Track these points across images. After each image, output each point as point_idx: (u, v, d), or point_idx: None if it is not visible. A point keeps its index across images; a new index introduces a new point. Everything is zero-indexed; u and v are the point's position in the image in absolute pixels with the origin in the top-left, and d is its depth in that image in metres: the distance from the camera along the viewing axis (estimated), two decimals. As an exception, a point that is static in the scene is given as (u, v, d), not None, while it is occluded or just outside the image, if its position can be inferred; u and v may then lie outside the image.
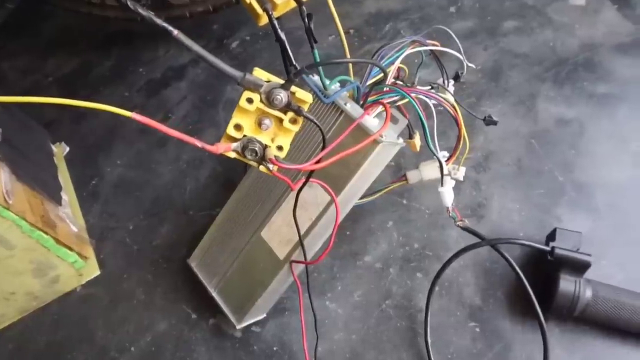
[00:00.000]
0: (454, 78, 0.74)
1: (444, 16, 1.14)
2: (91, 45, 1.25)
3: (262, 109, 0.45)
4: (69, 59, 1.23)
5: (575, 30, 1.07)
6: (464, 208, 0.85)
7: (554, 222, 0.82)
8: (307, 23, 0.45)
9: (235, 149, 0.47)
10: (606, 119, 0.92)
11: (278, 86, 0.44)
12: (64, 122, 1.11)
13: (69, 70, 1.20)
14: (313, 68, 0.44)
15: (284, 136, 0.47)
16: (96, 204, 0.96)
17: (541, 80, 1.00)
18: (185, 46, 0.41)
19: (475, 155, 0.91)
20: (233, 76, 0.43)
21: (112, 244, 0.91)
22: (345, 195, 0.61)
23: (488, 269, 0.79)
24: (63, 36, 1.28)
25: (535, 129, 0.93)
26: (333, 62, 0.45)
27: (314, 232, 0.64)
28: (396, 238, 0.84)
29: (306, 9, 0.53)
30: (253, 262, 0.69)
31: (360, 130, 0.58)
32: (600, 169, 0.86)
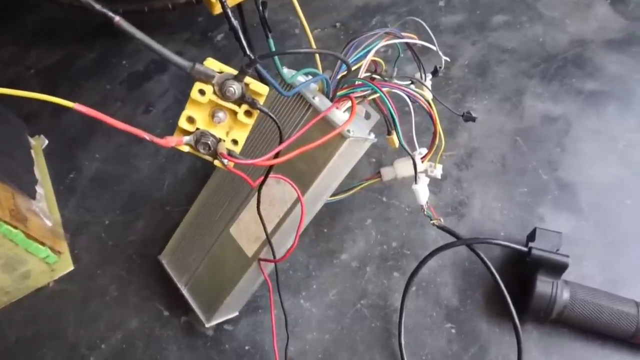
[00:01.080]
0: (432, 73, 0.72)
1: (432, 10, 1.12)
2: (75, 37, 1.23)
3: (215, 101, 0.43)
4: (53, 51, 1.21)
5: (566, 26, 1.04)
6: (445, 206, 0.83)
7: (536, 222, 0.80)
8: (261, 11, 0.43)
9: (188, 143, 0.45)
10: (594, 117, 0.90)
11: (231, 77, 0.43)
12: (44, 115, 1.09)
13: (51, 62, 1.19)
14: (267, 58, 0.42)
15: (240, 130, 0.45)
16: (73, 198, 0.95)
17: (529, 77, 0.97)
18: (128, 34, 0.39)
19: (458, 152, 0.89)
20: (181, 66, 0.41)
21: (87, 239, 0.89)
22: (313, 192, 0.59)
23: (467, 269, 0.77)
24: (48, 28, 1.27)
25: (521, 126, 0.91)
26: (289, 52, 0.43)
27: (282, 229, 0.62)
28: (374, 236, 0.82)
29: None
30: (222, 260, 0.68)
31: (328, 125, 0.56)
32: (585, 167, 0.84)
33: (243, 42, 0.43)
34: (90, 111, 0.40)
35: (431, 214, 0.68)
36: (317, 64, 0.60)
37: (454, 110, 0.90)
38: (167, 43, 1.18)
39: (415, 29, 1.08)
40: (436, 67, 0.72)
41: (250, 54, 0.43)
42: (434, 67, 0.72)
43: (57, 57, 1.20)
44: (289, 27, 1.14)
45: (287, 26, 1.14)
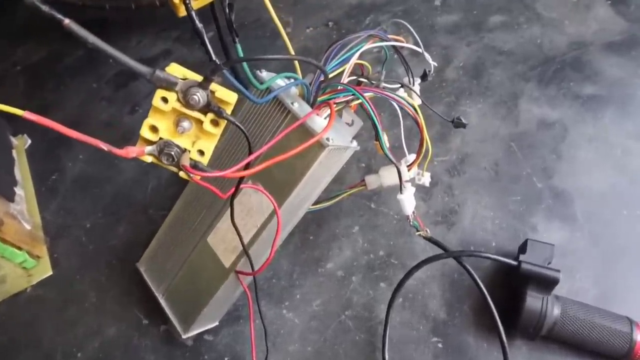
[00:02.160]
0: (421, 77, 0.69)
1: (428, 9, 1.09)
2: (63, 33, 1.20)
3: (179, 109, 0.41)
4: (39, 48, 1.18)
5: (565, 27, 1.01)
6: (435, 214, 0.81)
7: (528, 232, 0.77)
8: (227, 13, 0.40)
9: (150, 153, 0.42)
10: (591, 122, 0.87)
11: (195, 84, 0.40)
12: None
13: (37, 59, 1.16)
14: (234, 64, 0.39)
15: (206, 140, 0.43)
16: (54, 200, 0.92)
17: (525, 80, 0.94)
18: (79, 38, 0.37)
19: (450, 157, 0.86)
20: (140, 73, 0.39)
21: (67, 243, 0.87)
22: (291, 202, 0.57)
23: (455, 281, 0.74)
24: (35, 23, 1.24)
25: (516, 131, 0.88)
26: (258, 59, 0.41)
27: (260, 239, 0.59)
28: (361, 244, 0.79)
29: None
30: (199, 270, 0.65)
31: (307, 132, 0.53)
32: (581, 175, 0.81)
33: (208, 47, 0.40)
34: (40, 119, 0.38)
35: (418, 224, 0.65)
36: (296, 68, 0.57)
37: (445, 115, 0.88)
38: (157, 41, 1.15)
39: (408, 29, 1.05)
40: (425, 70, 0.69)
41: (215, 60, 0.40)
42: (423, 70, 0.69)
43: (44, 53, 1.17)
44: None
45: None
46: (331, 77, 0.61)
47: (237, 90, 0.42)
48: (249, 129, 0.57)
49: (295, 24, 1.11)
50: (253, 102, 0.48)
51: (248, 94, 0.43)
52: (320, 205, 0.69)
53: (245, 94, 0.43)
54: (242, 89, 0.42)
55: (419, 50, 0.65)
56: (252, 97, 0.44)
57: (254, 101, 0.44)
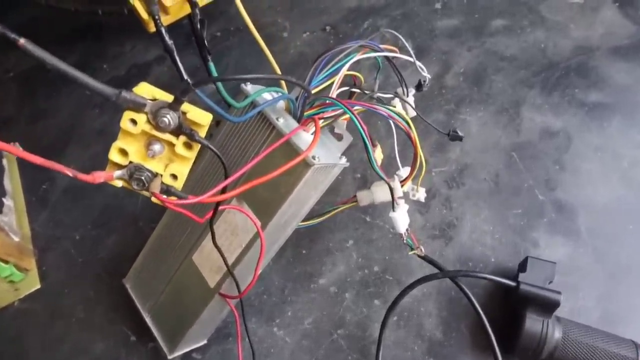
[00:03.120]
0: (416, 87, 0.66)
1: (427, 13, 1.06)
2: (57, 38, 1.18)
3: (149, 132, 0.38)
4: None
5: (570, 31, 0.97)
6: (432, 228, 0.78)
7: (529, 247, 0.74)
8: (198, 30, 0.38)
9: (120, 177, 0.40)
10: (596, 132, 0.84)
11: (165, 106, 0.37)
12: (20, 121, 1.05)
13: (30, 66, 1.14)
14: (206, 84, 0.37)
15: (180, 163, 0.40)
16: (44, 211, 0.91)
17: (528, 86, 0.91)
18: (37, 58, 0.34)
19: (449, 168, 0.83)
20: (105, 95, 0.37)
21: (56, 255, 0.85)
22: (277, 221, 0.54)
23: (453, 299, 0.71)
24: (29, 28, 1.22)
25: (518, 140, 0.85)
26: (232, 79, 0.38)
27: (246, 259, 0.57)
28: (355, 259, 0.77)
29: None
30: (185, 289, 0.63)
31: (292, 150, 0.51)
32: (585, 187, 0.78)
33: (179, 65, 0.38)
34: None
35: (412, 242, 0.62)
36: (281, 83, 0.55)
37: (443, 125, 0.85)
38: (150, 47, 1.13)
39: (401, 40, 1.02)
40: (420, 80, 0.66)
41: (187, 78, 0.38)
42: (418, 81, 0.66)
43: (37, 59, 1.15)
44: (276, 30, 1.09)
45: (275, 29, 1.09)
46: (321, 88, 0.58)
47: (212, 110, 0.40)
48: (232, 145, 0.55)
49: (292, 29, 1.08)
50: (231, 122, 0.45)
51: (224, 114, 0.41)
52: (310, 221, 0.66)
53: (222, 114, 0.41)
54: (217, 109, 0.39)
55: (416, 63, 0.61)
56: (229, 117, 0.41)
57: (231, 120, 0.41)
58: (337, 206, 0.65)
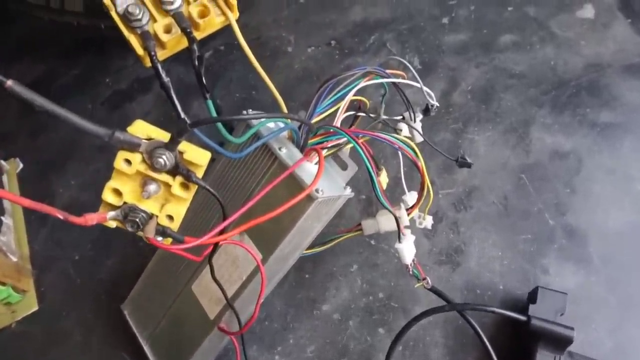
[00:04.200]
0: (423, 111, 0.64)
1: (434, 27, 1.04)
2: (59, 51, 1.17)
3: (144, 172, 0.37)
4: (35, 66, 1.15)
5: (581, 48, 0.95)
6: (439, 253, 0.76)
7: (539, 275, 0.72)
8: (196, 66, 0.36)
9: (115, 218, 0.38)
10: (608, 153, 0.81)
11: (161, 146, 0.36)
12: (21, 135, 1.04)
13: (33, 78, 1.13)
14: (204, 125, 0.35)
15: (176, 204, 0.38)
16: (43, 229, 0.89)
17: (538, 105, 0.89)
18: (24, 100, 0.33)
19: (456, 190, 0.81)
20: (97, 135, 0.35)
21: (54, 276, 0.84)
22: (278, 255, 0.52)
23: (460, 328, 0.69)
24: (32, 40, 1.21)
25: (527, 162, 0.82)
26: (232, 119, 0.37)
27: (246, 292, 0.55)
28: (359, 285, 0.75)
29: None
30: (183, 319, 0.61)
31: (295, 182, 0.49)
32: (597, 212, 0.76)
33: (176, 104, 0.36)
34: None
35: (418, 273, 0.60)
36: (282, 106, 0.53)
37: (447, 147, 0.83)
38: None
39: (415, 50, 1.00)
40: (427, 105, 0.64)
41: (184, 117, 0.36)
42: (426, 105, 0.64)
43: (39, 72, 1.14)
44: (280, 44, 1.07)
45: (279, 43, 1.07)
46: (325, 115, 0.56)
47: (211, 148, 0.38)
48: (231, 174, 0.53)
49: (297, 43, 1.07)
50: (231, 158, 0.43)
51: (225, 152, 0.39)
52: (313, 250, 0.64)
53: (222, 152, 0.39)
54: (217, 148, 0.38)
55: (417, 86, 0.59)
56: (229, 154, 0.39)
57: (232, 157, 0.40)
58: (341, 234, 0.64)
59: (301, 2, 1.13)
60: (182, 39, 0.37)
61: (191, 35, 0.36)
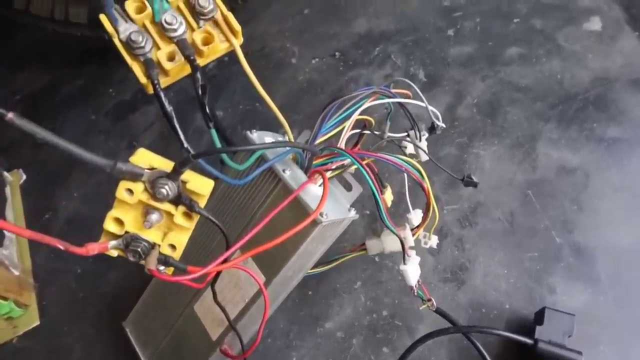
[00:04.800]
0: (429, 130, 0.63)
1: (440, 39, 1.03)
2: (64, 61, 1.17)
3: (146, 202, 0.36)
4: (40, 75, 1.15)
5: (588, 61, 0.94)
6: (444, 270, 0.75)
7: (546, 294, 0.71)
8: (200, 95, 0.35)
9: (116, 247, 0.38)
10: (615, 169, 0.80)
11: (163, 175, 0.35)
12: (25, 145, 1.04)
13: (37, 88, 1.13)
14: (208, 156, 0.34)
15: (178, 232, 0.38)
16: (46, 242, 0.89)
17: (544, 119, 0.88)
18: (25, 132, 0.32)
19: (461, 206, 0.80)
20: (99, 166, 0.34)
21: (56, 289, 0.83)
22: (283, 276, 0.52)
23: (465, 348, 0.68)
24: (37, 49, 1.21)
25: (533, 177, 0.82)
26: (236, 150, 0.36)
27: (249, 314, 0.54)
28: (363, 302, 0.74)
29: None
30: (186, 339, 0.61)
31: (299, 205, 0.48)
32: (604, 230, 0.75)
33: (179, 133, 0.35)
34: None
35: (423, 294, 0.59)
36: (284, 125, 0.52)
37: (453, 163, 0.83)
38: (157, 70, 1.11)
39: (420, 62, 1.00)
40: (433, 124, 0.63)
41: (187, 147, 0.36)
42: (432, 123, 0.63)
43: (44, 82, 1.14)
44: (284, 55, 1.07)
45: (283, 55, 1.07)
46: (330, 135, 0.56)
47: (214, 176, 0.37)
48: (234, 195, 0.52)
49: (301, 54, 1.06)
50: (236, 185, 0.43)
51: (229, 180, 0.38)
52: (316, 269, 0.63)
53: (226, 180, 0.38)
54: (221, 176, 0.37)
55: (422, 105, 0.59)
56: (233, 181, 0.39)
57: (233, 184, 0.39)
58: (345, 254, 0.63)
59: (305, 13, 1.12)
60: (186, 65, 0.36)
61: (195, 63, 0.35)
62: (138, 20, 0.36)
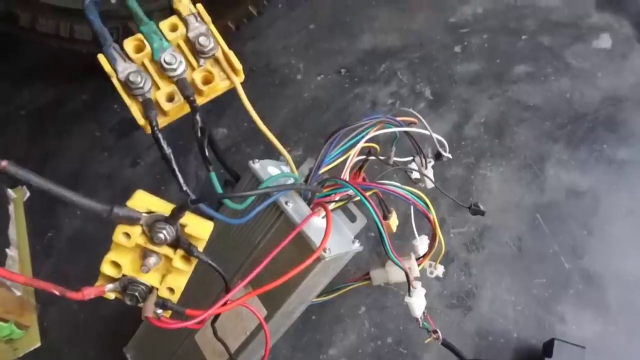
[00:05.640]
0: (435, 157, 0.62)
1: (447, 56, 1.02)
2: (69, 75, 1.17)
3: (144, 245, 0.35)
4: (45, 90, 1.15)
5: (597, 79, 0.93)
6: (450, 296, 0.73)
7: (555, 322, 0.69)
8: (199, 139, 0.34)
9: (113, 290, 0.37)
10: (626, 193, 0.79)
11: (161, 219, 0.34)
12: (30, 161, 1.03)
13: (42, 103, 1.13)
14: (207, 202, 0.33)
15: (177, 275, 0.37)
16: (49, 261, 0.88)
17: (553, 140, 0.86)
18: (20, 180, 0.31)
19: (468, 229, 0.79)
20: (95, 212, 0.33)
21: (58, 311, 0.83)
22: (285, 309, 0.51)
23: (471, 378, 0.67)
24: (42, 64, 1.21)
25: (542, 200, 0.80)
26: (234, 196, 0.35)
27: (251, 346, 0.53)
28: (367, 328, 0.72)
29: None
30: (186, 369, 0.60)
31: (302, 240, 0.47)
32: (615, 256, 0.73)
33: (178, 176, 0.34)
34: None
35: (428, 325, 0.58)
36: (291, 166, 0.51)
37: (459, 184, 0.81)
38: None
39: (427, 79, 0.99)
40: (439, 150, 0.62)
41: (186, 190, 0.35)
42: (437, 151, 0.62)
43: (49, 97, 1.14)
44: (290, 72, 1.06)
45: (289, 71, 1.06)
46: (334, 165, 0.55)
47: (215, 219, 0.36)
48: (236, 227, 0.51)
49: (306, 71, 1.05)
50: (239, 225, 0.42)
51: (230, 221, 0.37)
52: (319, 299, 0.62)
53: (227, 222, 0.37)
54: (220, 217, 0.36)
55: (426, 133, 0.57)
56: (235, 221, 0.38)
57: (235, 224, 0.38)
58: (349, 284, 0.61)
59: (311, 28, 1.11)
60: (185, 105, 0.36)
61: (194, 104, 0.34)
62: (137, 59, 0.35)
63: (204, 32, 0.36)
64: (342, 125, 0.53)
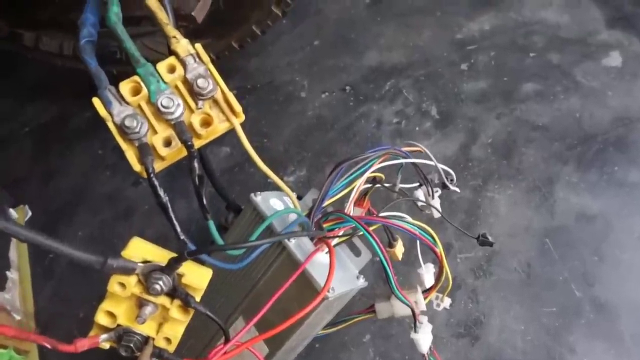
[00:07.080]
0: (442, 186, 0.61)
1: (453, 74, 1.00)
2: (72, 93, 1.16)
3: (140, 295, 0.34)
4: (48, 107, 1.15)
5: (608, 99, 0.91)
6: (457, 324, 0.71)
7: (565, 354, 0.67)
8: (197, 186, 0.33)
9: (108, 340, 0.36)
10: (638, 217, 0.77)
11: (157, 269, 0.33)
12: (32, 181, 1.02)
13: (46, 120, 1.12)
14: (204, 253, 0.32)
15: (174, 325, 0.35)
16: (49, 284, 0.87)
17: (562, 161, 0.84)
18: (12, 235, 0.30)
19: (475, 254, 0.77)
20: (90, 264, 0.32)
21: (58, 335, 0.80)
22: (288, 346, 0.49)
23: (480, 411, 0.65)
24: (46, 81, 1.21)
25: (552, 224, 0.78)
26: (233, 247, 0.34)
27: (252, 385, 0.52)
28: (372, 357, 0.71)
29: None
30: (186, 403, 0.58)
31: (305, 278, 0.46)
32: (627, 283, 0.71)
33: (175, 224, 0.33)
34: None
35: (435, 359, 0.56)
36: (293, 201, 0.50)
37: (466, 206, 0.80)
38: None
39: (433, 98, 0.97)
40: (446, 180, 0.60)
41: (184, 239, 0.33)
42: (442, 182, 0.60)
43: (53, 114, 1.14)
44: (294, 89, 1.05)
45: (293, 88, 1.05)
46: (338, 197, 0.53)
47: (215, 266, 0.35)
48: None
49: (310, 88, 1.04)
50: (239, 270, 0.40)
51: (228, 266, 0.36)
52: (323, 332, 0.60)
53: (225, 268, 0.36)
54: (219, 265, 0.35)
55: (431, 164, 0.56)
56: (235, 266, 0.36)
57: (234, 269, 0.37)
58: (353, 316, 0.60)
59: (315, 45, 1.10)
60: (183, 149, 0.34)
61: (192, 150, 0.33)
62: (133, 102, 0.34)
63: (202, 74, 0.34)
64: (347, 157, 0.52)
